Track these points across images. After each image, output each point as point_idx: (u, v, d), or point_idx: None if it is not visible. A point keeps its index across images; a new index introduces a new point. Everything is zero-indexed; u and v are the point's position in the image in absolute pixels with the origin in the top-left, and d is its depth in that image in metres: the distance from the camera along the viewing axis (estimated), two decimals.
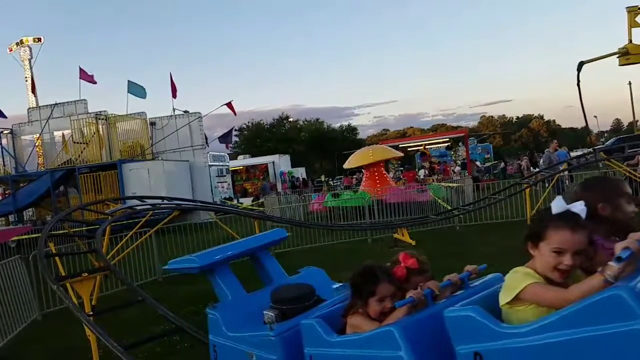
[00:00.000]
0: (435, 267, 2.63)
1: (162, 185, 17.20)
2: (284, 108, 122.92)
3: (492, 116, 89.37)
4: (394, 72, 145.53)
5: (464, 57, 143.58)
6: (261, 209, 15.44)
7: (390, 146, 20.02)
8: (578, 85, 9.81)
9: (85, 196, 17.76)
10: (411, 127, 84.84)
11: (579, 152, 27.99)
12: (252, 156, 39.82)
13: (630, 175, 10.48)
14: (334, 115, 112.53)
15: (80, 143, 19.02)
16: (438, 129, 76.85)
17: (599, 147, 28.66)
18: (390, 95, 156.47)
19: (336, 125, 68.10)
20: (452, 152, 31.49)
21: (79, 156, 18.88)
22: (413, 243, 8.14)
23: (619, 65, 9.56)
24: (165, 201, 8.34)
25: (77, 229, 9.76)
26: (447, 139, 30.59)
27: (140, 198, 8.03)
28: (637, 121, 42.40)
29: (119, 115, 20.23)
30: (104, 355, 4.27)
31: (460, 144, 30.72)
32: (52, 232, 6.37)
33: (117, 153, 19.37)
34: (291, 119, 62.66)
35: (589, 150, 19.52)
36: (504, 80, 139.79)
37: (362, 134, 73.85)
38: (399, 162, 29.09)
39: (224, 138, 23.37)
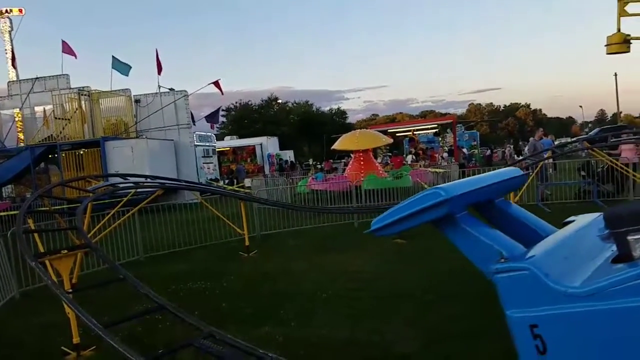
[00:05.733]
0: (422, 247, 2.65)
1: (146, 164, 17.00)
2: (273, 89, 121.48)
3: (480, 104, 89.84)
4: (385, 57, 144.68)
5: (455, 44, 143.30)
6: (248, 190, 15.35)
7: (379, 131, 19.99)
8: None
9: (67, 174, 17.47)
10: (400, 113, 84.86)
11: (562, 141, 28.40)
12: (240, 137, 39.45)
13: (611, 165, 10.63)
14: (324, 98, 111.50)
15: (62, 119, 18.64)
16: (427, 115, 77.03)
17: (582, 136, 29.14)
18: (381, 80, 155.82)
19: (326, 108, 67.81)
20: (440, 139, 31.61)
21: (61, 132, 18.50)
22: None
23: (607, 53, 9.60)
24: (149, 180, 8.20)
25: (58, 207, 9.58)
26: (436, 126, 30.66)
27: (123, 176, 7.88)
28: (621, 112, 43.05)
29: (103, 92, 19.85)
30: (84, 334, 4.21)
31: (448, 130, 30.85)
32: (32, 209, 6.22)
33: (100, 130, 19.05)
34: (280, 101, 62.10)
35: (572, 139, 19.93)
36: (494, 69, 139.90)
37: (352, 119, 73.73)
38: (387, 148, 29.10)
39: (211, 117, 23.07)
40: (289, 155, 37.09)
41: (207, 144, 26.05)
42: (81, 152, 18.30)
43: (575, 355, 1.74)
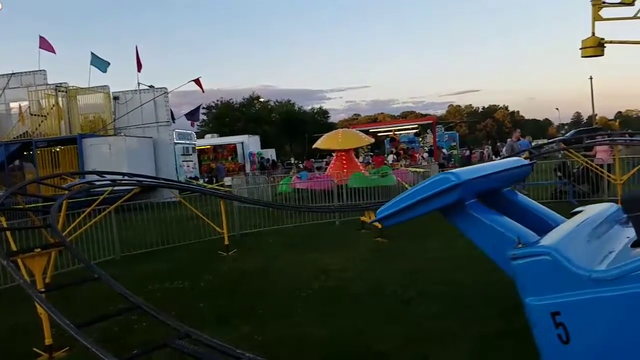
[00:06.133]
0: (402, 247, 2.62)
1: (124, 162, 16.73)
2: (255, 88, 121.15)
3: (459, 105, 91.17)
4: (367, 58, 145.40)
5: (435, 47, 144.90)
6: (228, 189, 15.21)
7: (360, 131, 20.09)
8: None
9: (42, 171, 17.09)
10: (382, 113, 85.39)
11: (539, 142, 29.05)
12: (221, 135, 39.10)
13: (587, 166, 10.89)
14: (306, 98, 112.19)
15: (38, 115, 18.21)
16: (408, 115, 77.74)
17: (559, 138, 29.84)
18: (363, 80, 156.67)
19: (308, 107, 67.77)
20: (421, 139, 31.94)
21: (37, 129, 18.08)
22: (379, 226, 8.18)
23: (582, 56, 9.80)
24: (126, 177, 8.05)
25: (32, 205, 9.32)
26: (416, 126, 30.96)
27: (100, 173, 7.72)
28: (596, 115, 44.17)
29: (80, 88, 19.48)
30: (57, 334, 4.11)
31: (428, 131, 31.19)
32: (4, 207, 6.04)
33: (77, 127, 18.67)
34: (262, 99, 61.78)
35: (549, 140, 20.51)
36: (473, 71, 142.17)
37: (334, 118, 73.87)
38: (369, 147, 29.24)
39: (191, 115, 22.83)
40: (270, 153, 36.91)
41: (187, 142, 25.73)
42: (57, 150, 17.91)
43: (601, 343, 1.64)
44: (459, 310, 4.39)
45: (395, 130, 30.14)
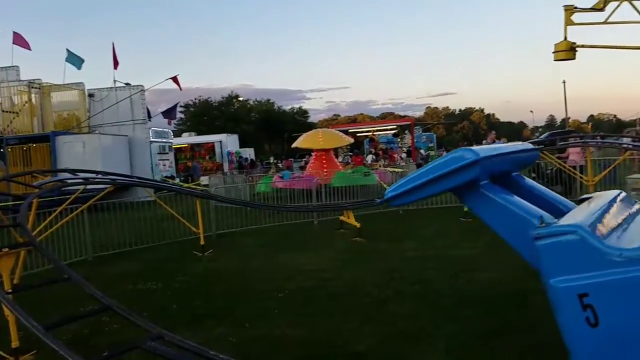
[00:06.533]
0: (379, 247, 2.61)
1: (98, 160, 16.34)
2: (233, 87, 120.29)
3: (436, 107, 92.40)
4: (347, 59, 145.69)
5: (414, 50, 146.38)
6: (204, 188, 15.05)
7: (340, 131, 20.17)
8: None
9: (13, 169, 16.59)
10: (361, 114, 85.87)
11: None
12: (199, 134, 38.65)
13: (560, 167, 11.16)
14: (286, 97, 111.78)
15: (10, 112, 17.70)
16: (387, 116, 78.43)
17: (533, 140, 30.52)
18: (343, 81, 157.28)
19: (287, 107, 67.56)
20: (399, 140, 32.23)
21: (8, 126, 17.58)
22: (358, 225, 8.22)
23: (554, 60, 10.05)
24: (100, 176, 7.86)
25: (2, 203, 9.03)
26: (395, 127, 31.25)
27: (73, 171, 7.52)
28: (569, 118, 45.35)
29: (55, 85, 18.97)
30: (24, 338, 3.98)
31: (406, 132, 31.51)
32: None
33: (51, 124, 18.20)
34: (241, 98, 61.30)
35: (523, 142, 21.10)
36: (450, 74, 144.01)
37: (313, 118, 73.86)
38: (348, 147, 29.38)
39: (168, 113, 22.51)
40: (249, 153, 36.66)
41: (164, 140, 25.34)
42: (29, 147, 17.44)
43: (633, 325, 1.56)
44: (434, 310, 4.43)
45: (375, 131, 30.36)
